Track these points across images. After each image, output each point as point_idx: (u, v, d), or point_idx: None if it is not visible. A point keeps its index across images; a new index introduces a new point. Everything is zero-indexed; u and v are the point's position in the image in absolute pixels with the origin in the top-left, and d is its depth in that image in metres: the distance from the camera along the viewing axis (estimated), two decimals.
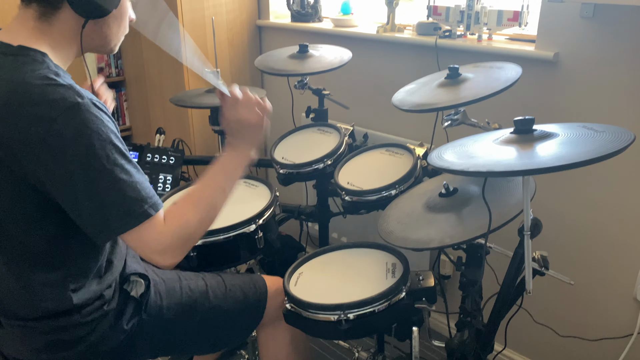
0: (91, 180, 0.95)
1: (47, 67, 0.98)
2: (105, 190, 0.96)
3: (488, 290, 1.30)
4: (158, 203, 1.02)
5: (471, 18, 1.81)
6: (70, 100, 0.93)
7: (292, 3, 2.40)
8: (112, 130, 0.98)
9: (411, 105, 1.43)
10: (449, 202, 1.27)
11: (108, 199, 0.96)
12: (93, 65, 2.60)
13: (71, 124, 0.93)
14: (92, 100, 0.97)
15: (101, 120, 0.96)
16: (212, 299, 1.30)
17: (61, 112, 0.92)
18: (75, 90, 0.96)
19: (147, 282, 1.21)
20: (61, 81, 0.96)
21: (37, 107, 0.92)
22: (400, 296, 1.23)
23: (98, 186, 0.95)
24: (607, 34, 1.51)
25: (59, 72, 0.98)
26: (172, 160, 1.97)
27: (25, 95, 0.93)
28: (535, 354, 1.94)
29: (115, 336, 1.15)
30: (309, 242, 2.42)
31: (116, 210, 0.97)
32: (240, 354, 1.87)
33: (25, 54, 0.98)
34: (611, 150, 0.86)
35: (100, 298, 1.13)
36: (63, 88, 0.95)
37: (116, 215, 0.97)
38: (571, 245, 1.73)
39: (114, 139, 0.97)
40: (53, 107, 0.92)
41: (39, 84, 0.94)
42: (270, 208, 1.48)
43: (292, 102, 2.12)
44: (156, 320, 1.22)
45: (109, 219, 0.97)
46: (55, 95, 0.93)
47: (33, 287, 1.07)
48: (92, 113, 0.95)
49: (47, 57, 1.00)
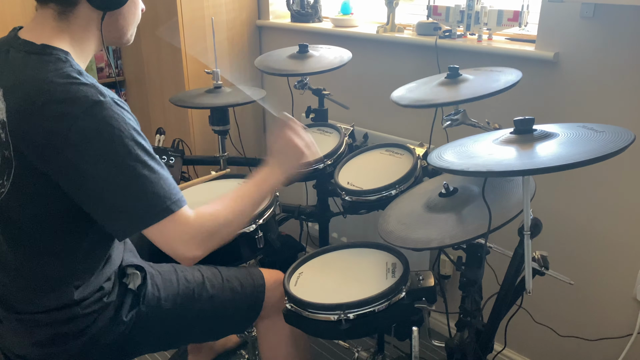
0: (113, 176, 0.96)
1: (71, 66, 1.00)
2: (128, 186, 0.97)
3: (488, 290, 1.30)
4: (181, 199, 1.02)
5: (471, 18, 1.81)
6: (92, 98, 0.95)
7: (292, 3, 2.40)
8: (133, 127, 0.99)
9: (410, 101, 1.43)
10: (449, 202, 1.27)
11: (130, 195, 0.97)
12: (93, 66, 2.60)
13: (93, 121, 0.94)
14: (114, 98, 0.99)
15: (123, 118, 0.97)
16: (210, 289, 1.30)
17: (84, 109, 0.94)
18: (98, 88, 0.98)
19: (143, 274, 1.22)
20: (84, 80, 0.98)
21: (60, 105, 0.94)
22: (400, 296, 1.23)
23: (120, 182, 0.96)
24: (607, 34, 1.51)
25: (81, 71, 1.00)
26: (172, 160, 1.97)
27: (49, 94, 0.95)
28: (535, 354, 1.94)
29: (115, 328, 1.16)
30: (309, 242, 2.42)
31: (139, 206, 0.98)
32: (240, 354, 1.87)
33: (49, 53, 1.00)
34: (611, 150, 0.86)
35: (100, 290, 1.15)
36: (86, 86, 0.96)
37: (138, 211, 0.98)
38: (571, 245, 1.73)
39: (136, 135, 0.99)
40: (76, 105, 0.94)
41: (63, 83, 0.96)
42: (271, 208, 1.49)
43: (292, 102, 2.12)
44: (154, 312, 1.22)
45: (131, 215, 0.98)
46: (78, 93, 0.95)
47: (38, 282, 1.09)
48: (114, 111, 0.96)
49: (69, 56, 1.02)
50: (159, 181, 0.99)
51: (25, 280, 1.09)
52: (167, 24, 2.12)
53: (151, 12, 2.39)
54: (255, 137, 2.71)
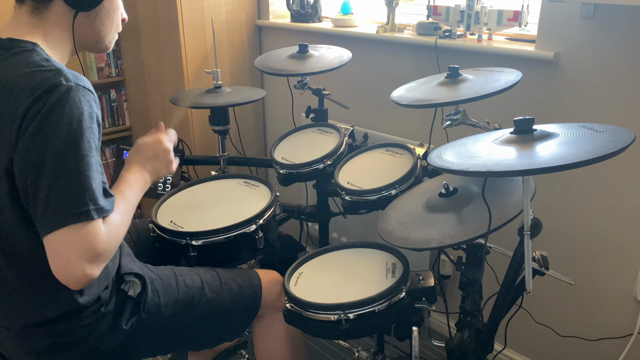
0: (59, 160, 0.92)
1: (38, 55, 0.99)
2: (68, 174, 0.92)
3: (488, 290, 1.30)
4: (107, 210, 0.97)
5: (471, 18, 1.81)
6: (53, 82, 0.93)
7: (291, 3, 2.40)
8: (95, 119, 0.97)
9: (410, 100, 1.43)
10: (449, 202, 1.27)
11: (65, 184, 0.92)
12: (93, 66, 2.60)
13: (52, 103, 0.92)
14: (80, 83, 0.97)
15: (84, 107, 0.95)
16: (208, 294, 1.30)
17: (43, 92, 0.93)
18: (63, 74, 0.96)
19: (142, 282, 1.21)
20: (49, 67, 0.96)
21: (22, 93, 0.93)
22: (400, 296, 1.23)
23: (64, 168, 0.92)
24: (607, 34, 1.51)
25: (49, 59, 0.99)
26: None
27: (14, 84, 0.95)
28: (535, 354, 1.94)
29: (115, 336, 1.16)
30: (309, 242, 2.42)
31: (64, 200, 0.92)
32: (240, 354, 1.87)
33: (15, 45, 1.00)
34: (611, 150, 0.86)
35: (98, 301, 1.13)
36: (50, 72, 0.95)
37: (62, 204, 0.92)
38: (571, 245, 1.73)
39: (95, 128, 0.97)
40: (36, 89, 0.93)
41: (28, 72, 0.95)
42: (271, 208, 1.48)
43: (292, 102, 2.12)
44: (155, 318, 1.22)
45: (54, 207, 0.92)
46: (40, 78, 0.94)
47: (37, 294, 1.07)
48: (78, 97, 0.95)
49: (37, 47, 1.01)
50: (92, 182, 0.94)
51: (22, 290, 1.07)
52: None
53: (151, 12, 2.39)
54: (255, 137, 2.71)
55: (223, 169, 2.05)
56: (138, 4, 2.42)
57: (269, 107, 2.68)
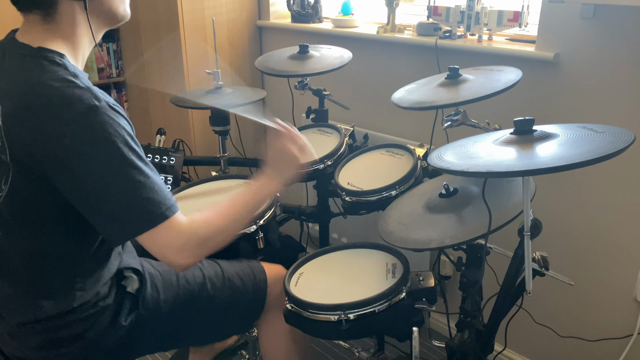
0: (108, 182, 0.95)
1: (66, 69, 0.99)
2: (122, 192, 0.96)
3: (488, 290, 1.30)
4: (175, 205, 1.02)
5: (471, 18, 1.82)
6: (87, 103, 0.94)
7: (292, 3, 2.40)
8: (128, 132, 0.99)
9: (410, 102, 1.43)
10: (449, 202, 1.27)
11: (124, 201, 0.96)
12: (94, 66, 2.60)
13: (88, 125, 0.94)
14: (109, 102, 0.98)
15: (117, 123, 0.97)
16: (210, 290, 1.30)
17: (78, 114, 0.93)
18: (93, 92, 0.97)
19: (139, 278, 1.21)
20: (79, 83, 0.97)
21: (55, 109, 0.94)
22: (401, 296, 1.23)
23: (115, 188, 0.96)
24: (607, 34, 1.51)
25: (77, 74, 1.00)
26: (172, 160, 1.97)
27: (44, 97, 0.95)
28: (535, 354, 1.94)
29: (114, 332, 1.16)
30: (309, 243, 2.42)
31: (133, 212, 0.97)
32: (240, 354, 1.87)
33: (45, 56, 0.99)
34: (611, 151, 0.86)
35: (96, 295, 1.14)
36: (81, 90, 0.96)
37: (133, 217, 0.97)
38: (571, 246, 1.73)
39: (130, 141, 0.98)
40: (71, 108, 0.93)
41: (58, 86, 0.95)
42: (271, 209, 1.49)
43: (292, 102, 2.12)
44: (154, 314, 1.22)
45: (125, 221, 0.98)
46: (73, 97, 0.94)
47: (39, 288, 1.08)
48: (109, 115, 0.96)
49: (65, 59, 1.01)
50: (153, 187, 0.98)
51: (26, 286, 1.08)
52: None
53: (151, 12, 2.39)
54: (255, 137, 2.71)
55: (223, 170, 2.05)
56: (139, 5, 2.42)
57: (270, 108, 2.68)
